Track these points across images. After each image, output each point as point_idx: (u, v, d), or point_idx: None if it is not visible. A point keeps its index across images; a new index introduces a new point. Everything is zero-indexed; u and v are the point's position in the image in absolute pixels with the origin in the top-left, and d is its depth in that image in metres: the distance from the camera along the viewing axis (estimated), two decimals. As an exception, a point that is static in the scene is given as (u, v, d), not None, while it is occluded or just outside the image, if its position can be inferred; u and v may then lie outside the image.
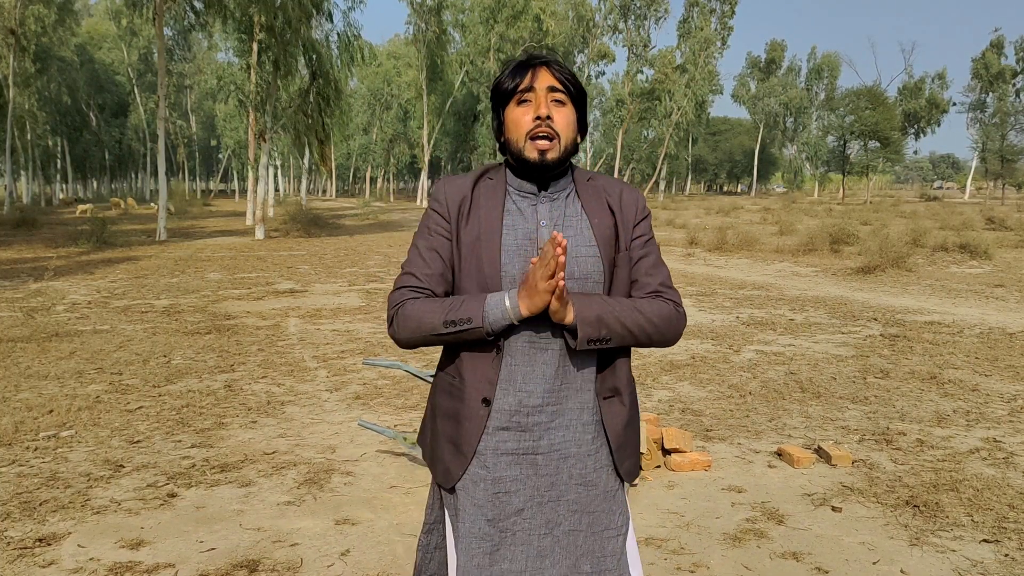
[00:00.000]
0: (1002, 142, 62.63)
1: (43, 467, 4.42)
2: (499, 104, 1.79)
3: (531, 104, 1.73)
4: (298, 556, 3.39)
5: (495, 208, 1.77)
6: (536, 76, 1.73)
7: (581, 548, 1.77)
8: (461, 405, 1.77)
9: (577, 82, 1.77)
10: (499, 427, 1.74)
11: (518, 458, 1.74)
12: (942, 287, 12.55)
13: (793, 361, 7.26)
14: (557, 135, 1.72)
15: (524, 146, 1.73)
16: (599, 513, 1.79)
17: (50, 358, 7.11)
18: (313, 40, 26.24)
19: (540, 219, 1.77)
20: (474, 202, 1.78)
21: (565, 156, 1.76)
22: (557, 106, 1.73)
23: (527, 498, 1.75)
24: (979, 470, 4.44)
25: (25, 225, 24.99)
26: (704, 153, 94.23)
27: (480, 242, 1.74)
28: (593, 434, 1.79)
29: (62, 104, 48.79)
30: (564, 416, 1.76)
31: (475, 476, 1.76)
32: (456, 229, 1.77)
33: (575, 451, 1.77)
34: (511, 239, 1.75)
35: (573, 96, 1.76)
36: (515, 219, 1.77)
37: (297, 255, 18.09)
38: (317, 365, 7.03)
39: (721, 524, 3.75)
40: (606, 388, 1.79)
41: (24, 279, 12.88)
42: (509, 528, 1.74)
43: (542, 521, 1.75)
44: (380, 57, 66.11)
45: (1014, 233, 23.11)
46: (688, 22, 64.21)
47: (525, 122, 1.72)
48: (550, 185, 1.79)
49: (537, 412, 1.74)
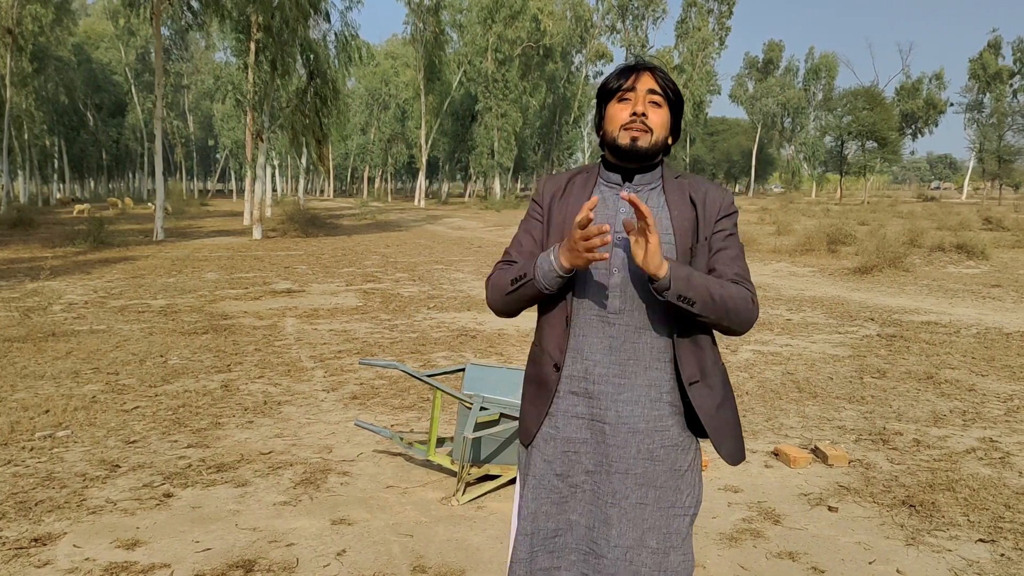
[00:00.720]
0: (999, 142, 62.69)
1: (39, 467, 4.41)
2: (603, 101, 1.96)
3: (630, 102, 1.90)
4: (294, 556, 3.39)
5: (584, 195, 1.95)
6: (639, 79, 1.91)
7: (648, 522, 1.87)
8: (539, 370, 1.98)
9: (676, 89, 1.94)
10: (570, 391, 1.91)
11: (588, 423, 1.90)
12: (939, 287, 12.56)
13: (790, 361, 7.26)
14: (650, 129, 1.89)
15: (618, 135, 1.90)
16: (665, 489, 1.88)
17: (46, 358, 7.10)
18: (311, 40, 26.23)
19: (621, 207, 1.92)
20: (567, 192, 1.99)
21: (656, 150, 1.91)
22: (654, 107, 1.90)
23: (596, 463, 1.89)
24: (975, 470, 4.44)
25: (22, 225, 24.95)
26: (702, 153, 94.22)
27: (565, 223, 1.93)
28: (665, 412, 1.89)
29: (59, 104, 48.71)
30: (633, 391, 1.87)
31: (546, 435, 1.94)
32: (548, 214, 1.99)
33: (643, 427, 1.87)
34: (592, 223, 1.84)
35: (671, 101, 1.92)
36: (600, 205, 1.93)
37: (294, 255, 18.08)
38: (314, 365, 7.03)
39: (717, 524, 3.75)
40: (689, 373, 1.89)
41: (21, 279, 12.86)
42: (579, 486, 1.90)
43: (609, 491, 1.87)
44: (378, 57, 66.14)
45: (1011, 233, 23.13)
46: (686, 22, 64.31)
47: (622, 116, 1.90)
48: (635, 178, 1.95)
49: (603, 381, 1.87)
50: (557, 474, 1.92)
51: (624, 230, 1.86)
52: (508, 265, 1.98)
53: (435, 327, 8.96)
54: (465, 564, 3.33)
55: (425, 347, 7.81)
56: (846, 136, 61.30)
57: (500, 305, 1.98)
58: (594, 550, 1.89)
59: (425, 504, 3.98)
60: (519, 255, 1.99)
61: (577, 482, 1.91)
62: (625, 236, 1.87)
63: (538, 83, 57.30)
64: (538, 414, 1.97)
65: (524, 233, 2.03)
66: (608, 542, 1.86)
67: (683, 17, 64.59)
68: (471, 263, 16.53)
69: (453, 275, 14.27)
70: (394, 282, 13.12)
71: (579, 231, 1.72)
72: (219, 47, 58.63)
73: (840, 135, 62.14)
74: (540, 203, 2.02)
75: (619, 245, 1.89)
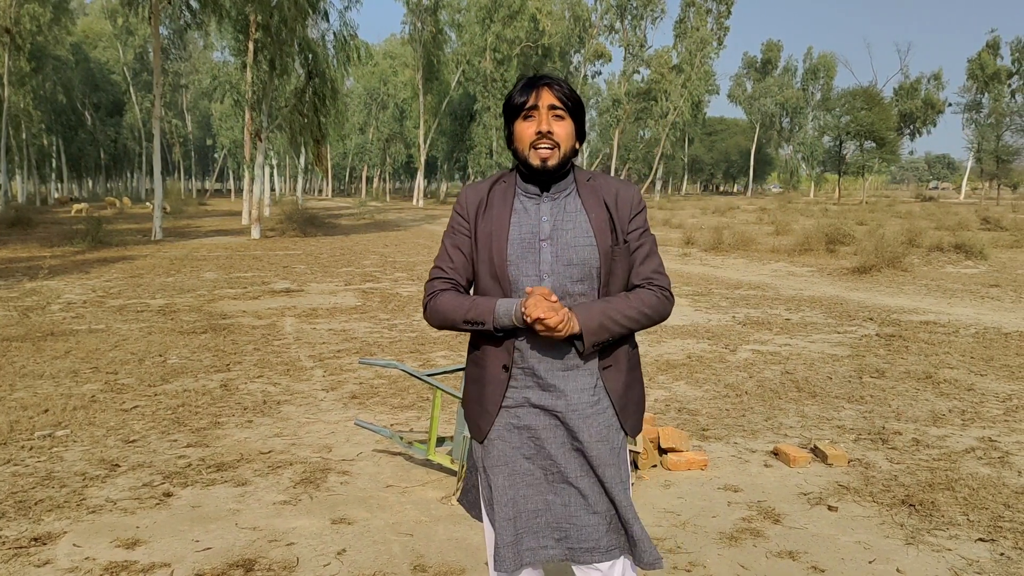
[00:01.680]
0: (997, 142, 62.68)
1: (38, 466, 4.41)
2: (509, 118, 2.09)
3: (534, 120, 2.03)
4: (294, 555, 3.38)
5: (505, 207, 2.09)
6: (539, 95, 2.03)
7: (611, 494, 2.05)
8: (484, 372, 2.11)
9: (576, 98, 2.07)
10: (524, 386, 2.07)
11: (543, 412, 2.06)
12: (938, 287, 12.57)
13: (789, 361, 7.26)
14: (558, 145, 2.03)
15: (528, 154, 2.04)
16: (613, 467, 2.06)
17: (45, 357, 7.09)
18: (309, 39, 26.20)
19: (542, 216, 2.07)
20: (489, 203, 2.11)
21: (564, 161, 2.07)
22: (557, 120, 2.04)
23: (558, 445, 2.06)
24: (974, 469, 4.45)
25: (20, 224, 24.92)
26: (700, 153, 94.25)
27: (491, 236, 2.07)
28: (599, 396, 2.08)
29: (57, 103, 48.66)
30: (576, 381, 2.06)
31: (508, 426, 2.09)
32: (474, 226, 2.11)
33: (590, 411, 2.06)
34: (516, 233, 2.06)
35: (571, 110, 2.05)
36: (521, 217, 2.08)
37: (293, 255, 18.07)
38: (313, 364, 7.02)
39: (717, 523, 3.75)
40: (604, 359, 2.09)
41: (19, 278, 12.84)
42: (547, 468, 2.07)
43: (576, 466, 2.06)
44: (376, 57, 66.02)
45: (1009, 233, 23.15)
46: (684, 22, 64.24)
47: (529, 135, 2.04)
48: (552, 187, 2.10)
49: (549, 375, 2.04)
50: (526, 457, 2.08)
51: (543, 238, 2.06)
52: (448, 284, 2.11)
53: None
54: (465, 563, 3.33)
55: (424, 346, 7.81)
56: (844, 136, 61.30)
57: (442, 328, 2.12)
58: (575, 522, 2.04)
59: (425, 503, 3.98)
60: (453, 272, 2.12)
61: (545, 464, 2.07)
62: (549, 241, 2.05)
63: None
64: (489, 413, 2.10)
65: (453, 249, 2.14)
66: (587, 510, 2.04)
67: (681, 17, 64.53)
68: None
69: (452, 275, 14.24)
70: (393, 282, 13.12)
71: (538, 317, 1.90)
72: (217, 47, 58.59)
73: (838, 135, 62.14)
74: (465, 217, 2.13)
75: (545, 252, 2.04)
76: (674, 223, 29.81)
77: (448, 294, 2.09)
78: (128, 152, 64.73)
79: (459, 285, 2.12)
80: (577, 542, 2.04)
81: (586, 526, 2.04)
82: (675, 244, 20.96)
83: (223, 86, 46.50)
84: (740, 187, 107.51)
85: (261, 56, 25.92)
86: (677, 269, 15.27)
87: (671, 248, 19.95)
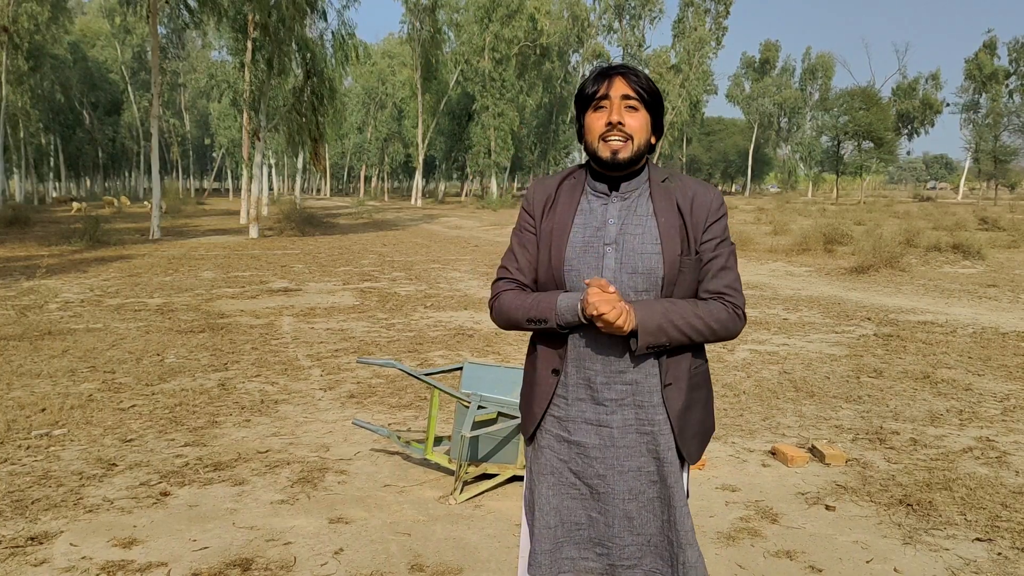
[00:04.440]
0: (995, 143, 62.71)
1: (35, 465, 4.40)
2: (581, 109, 1.98)
3: (606, 110, 1.92)
4: (291, 555, 3.38)
5: (570, 205, 1.99)
6: (611, 85, 1.92)
7: (662, 517, 1.98)
8: (535, 374, 2.05)
9: (652, 88, 1.95)
10: (577, 398, 1.98)
11: (596, 428, 1.97)
12: (935, 287, 12.58)
13: (787, 360, 7.27)
14: (630, 137, 1.91)
15: (598, 146, 1.93)
16: (674, 487, 1.96)
17: (42, 356, 7.08)
18: (307, 39, 26.18)
19: (608, 217, 1.96)
20: (556, 199, 2.01)
21: (638, 156, 1.94)
22: (630, 112, 1.92)
23: (607, 467, 1.97)
24: (972, 469, 4.45)
25: (18, 223, 24.89)
26: (698, 153, 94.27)
27: (552, 236, 1.98)
28: (657, 417, 1.96)
29: (55, 102, 48.61)
30: (639, 395, 1.95)
31: (559, 437, 2.01)
32: (539, 223, 2.02)
33: (649, 428, 1.96)
34: (579, 236, 1.96)
35: (647, 102, 1.93)
36: (586, 217, 1.97)
37: (291, 254, 18.05)
38: (311, 364, 7.02)
39: (715, 523, 3.75)
40: (666, 377, 1.96)
41: (17, 277, 12.82)
42: (594, 487, 1.98)
43: (625, 488, 1.97)
44: (375, 56, 65.99)
45: (1007, 233, 23.18)
46: (683, 22, 64.22)
47: (599, 126, 1.92)
48: (622, 185, 1.98)
49: (606, 388, 1.95)
50: (574, 471, 2.01)
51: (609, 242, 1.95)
52: (512, 284, 2.03)
53: (432, 326, 8.96)
54: (463, 563, 3.32)
55: (422, 346, 7.80)
56: (842, 136, 61.31)
57: (508, 328, 2.05)
58: (617, 542, 1.98)
59: (423, 503, 3.97)
60: (518, 272, 2.03)
61: (594, 483, 1.99)
62: (614, 246, 1.94)
63: (535, 82, 57.28)
64: (535, 414, 2.05)
65: (520, 248, 2.05)
66: (631, 532, 1.97)
67: (680, 17, 64.51)
68: (468, 262, 16.52)
69: (450, 274, 14.26)
70: (391, 281, 13.11)
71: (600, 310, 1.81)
72: (215, 46, 58.58)
73: (836, 135, 62.15)
74: (532, 213, 2.05)
75: (609, 257, 1.93)
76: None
77: (511, 293, 2.01)
78: (126, 151, 64.61)
79: (523, 285, 2.03)
80: (619, 559, 1.98)
81: (628, 546, 1.98)
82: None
83: (220, 85, 46.47)
84: (738, 187, 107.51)
85: (259, 55, 25.90)
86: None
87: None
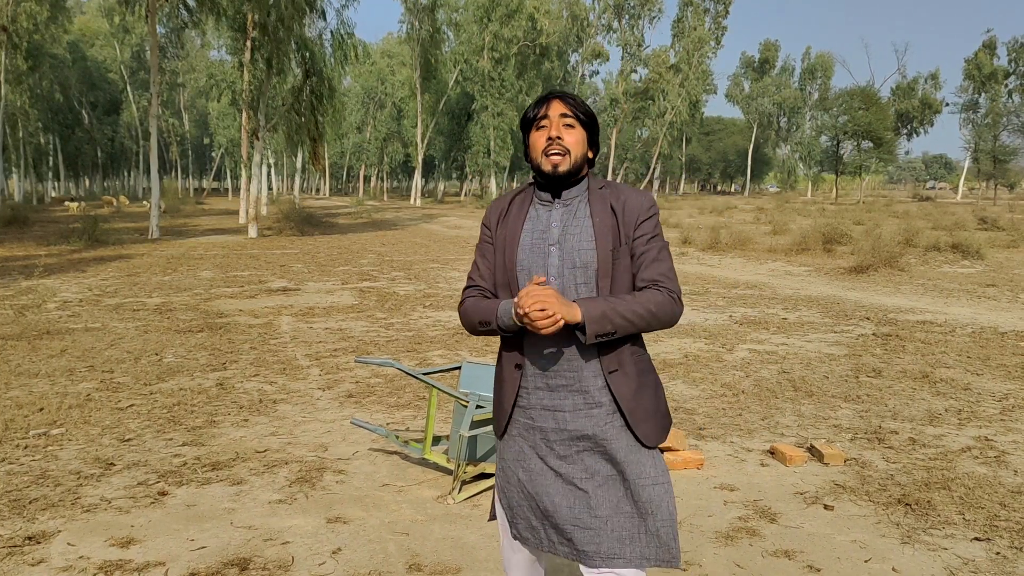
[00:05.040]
0: (994, 142, 62.76)
1: (33, 465, 4.40)
2: (525, 131, 2.21)
3: (546, 129, 2.13)
4: (289, 554, 3.38)
5: (520, 215, 2.22)
6: (550, 106, 2.14)
7: (620, 491, 2.12)
8: (502, 371, 2.24)
9: (587, 110, 2.17)
10: (537, 387, 2.16)
11: (552, 413, 2.14)
12: (934, 287, 12.58)
13: (786, 360, 7.26)
14: (568, 151, 2.11)
15: (541, 161, 2.14)
16: (629, 463, 2.11)
17: (41, 356, 7.08)
18: (306, 38, 26.17)
19: (552, 221, 2.16)
20: (508, 211, 2.25)
21: (576, 168, 2.14)
22: (568, 129, 2.13)
23: (566, 447, 2.14)
24: (970, 468, 4.45)
25: (16, 223, 24.88)
26: (698, 153, 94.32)
27: (505, 241, 2.20)
28: (608, 399, 2.12)
29: (54, 102, 48.55)
30: (583, 382, 2.11)
31: (526, 426, 2.19)
32: (495, 234, 2.25)
33: (596, 411, 2.12)
34: (528, 239, 2.17)
35: (583, 121, 2.15)
36: (533, 223, 2.19)
37: (290, 253, 18.05)
38: (309, 363, 7.01)
39: (713, 522, 3.74)
40: (607, 364, 2.11)
41: (15, 276, 12.81)
42: (557, 470, 2.14)
43: (582, 467, 2.13)
44: (374, 55, 65.99)
45: (1006, 233, 23.19)
46: (682, 22, 64.27)
47: (542, 143, 2.14)
48: (563, 194, 2.18)
49: (558, 376, 2.12)
50: (540, 457, 2.18)
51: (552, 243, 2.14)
52: (476, 294, 2.25)
53: (431, 325, 8.96)
54: (461, 562, 3.32)
55: (421, 345, 7.80)
56: (842, 136, 61.34)
57: (470, 332, 2.24)
58: (578, 524, 2.11)
59: (421, 502, 3.97)
60: (480, 280, 2.26)
61: (553, 464, 2.15)
62: (558, 246, 2.13)
63: (534, 82, 57.23)
64: (505, 410, 2.23)
65: (480, 258, 2.28)
66: (590, 513, 2.10)
67: (679, 16, 64.56)
68: (467, 262, 16.51)
69: (449, 274, 14.25)
70: (390, 280, 13.11)
71: (526, 307, 1.95)
72: (215, 45, 58.53)
73: (836, 135, 62.19)
74: (489, 227, 2.28)
75: (552, 256, 2.12)
76: (672, 223, 29.81)
77: (471, 300, 2.22)
78: (125, 151, 64.58)
79: (485, 292, 2.24)
80: (581, 544, 2.11)
81: (588, 529, 2.10)
82: (672, 244, 20.96)
83: (219, 84, 46.43)
84: (737, 187, 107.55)
85: (258, 55, 25.88)
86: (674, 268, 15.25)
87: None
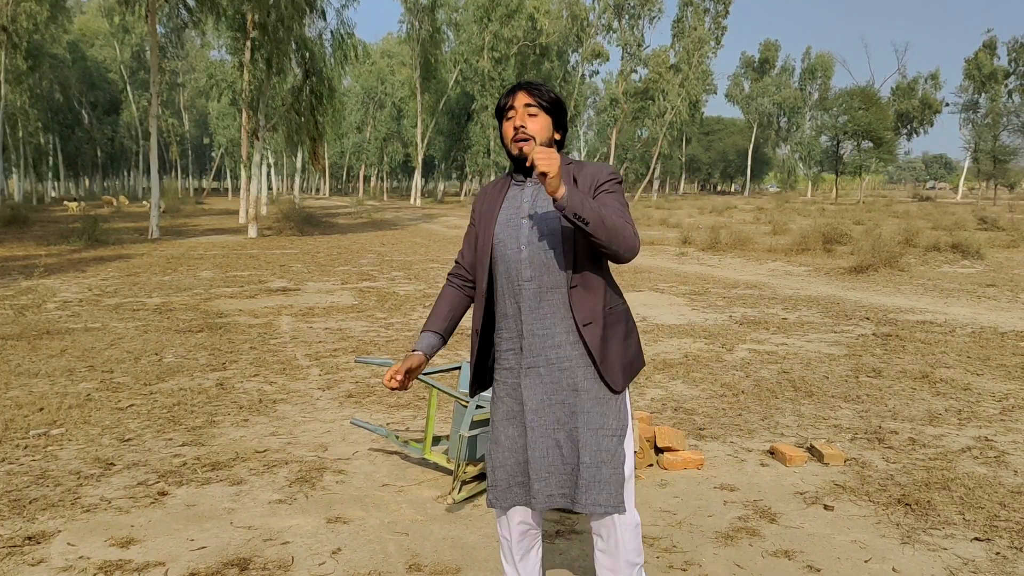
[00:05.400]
0: (994, 142, 62.74)
1: (33, 465, 4.40)
2: (500, 120, 2.45)
3: (512, 119, 2.38)
4: (289, 554, 3.38)
5: (498, 196, 2.49)
6: (515, 97, 2.38)
7: (582, 441, 2.33)
8: (473, 340, 2.53)
9: (551, 97, 2.39)
10: (507, 349, 2.44)
11: (525, 371, 2.39)
12: (934, 287, 12.58)
13: (786, 360, 7.26)
14: (532, 137, 2.35)
15: (511, 147, 2.40)
16: (592, 414, 2.34)
17: (40, 356, 7.08)
18: (306, 38, 26.17)
19: (524, 198, 2.43)
20: (489, 195, 2.52)
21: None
22: (531, 117, 2.36)
23: (539, 400, 2.37)
24: (971, 469, 4.45)
25: (16, 223, 24.88)
26: (698, 153, 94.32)
27: (484, 219, 2.48)
28: (580, 351, 2.36)
29: (54, 101, 48.56)
30: (554, 338, 2.36)
31: (508, 385, 2.45)
32: (478, 217, 2.53)
33: (568, 365, 2.36)
34: (504, 216, 2.44)
35: (546, 108, 2.38)
36: (509, 201, 2.46)
37: (290, 253, 18.05)
38: (309, 363, 7.01)
39: (713, 522, 3.74)
40: (583, 318, 2.35)
41: (15, 276, 12.81)
42: (530, 424, 2.37)
43: (553, 419, 2.37)
44: (374, 55, 65.97)
45: (1006, 233, 23.19)
46: (682, 22, 64.24)
47: (510, 131, 2.39)
48: (533, 173, 2.39)
49: (529, 335, 2.37)
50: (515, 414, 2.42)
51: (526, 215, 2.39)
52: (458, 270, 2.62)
53: (431, 326, 8.94)
54: (461, 562, 3.32)
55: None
56: (842, 136, 61.34)
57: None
58: (553, 471, 2.36)
59: (421, 502, 3.97)
60: (462, 258, 2.60)
61: (528, 419, 2.37)
62: (528, 218, 2.37)
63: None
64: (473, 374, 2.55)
65: (466, 240, 2.59)
66: (561, 460, 2.35)
67: (679, 16, 64.52)
68: (467, 262, 16.49)
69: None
70: (390, 280, 13.10)
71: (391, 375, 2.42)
72: (214, 45, 58.51)
73: (836, 135, 62.18)
74: (474, 211, 2.56)
75: (524, 227, 2.38)
76: (671, 223, 29.81)
77: (444, 290, 2.64)
78: (125, 151, 64.59)
79: (464, 274, 2.60)
80: (557, 488, 2.35)
81: (562, 475, 2.35)
82: (672, 243, 20.96)
83: (219, 84, 46.41)
84: (737, 187, 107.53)
85: (258, 55, 25.87)
86: (674, 268, 15.28)
87: (668, 248, 19.96)
